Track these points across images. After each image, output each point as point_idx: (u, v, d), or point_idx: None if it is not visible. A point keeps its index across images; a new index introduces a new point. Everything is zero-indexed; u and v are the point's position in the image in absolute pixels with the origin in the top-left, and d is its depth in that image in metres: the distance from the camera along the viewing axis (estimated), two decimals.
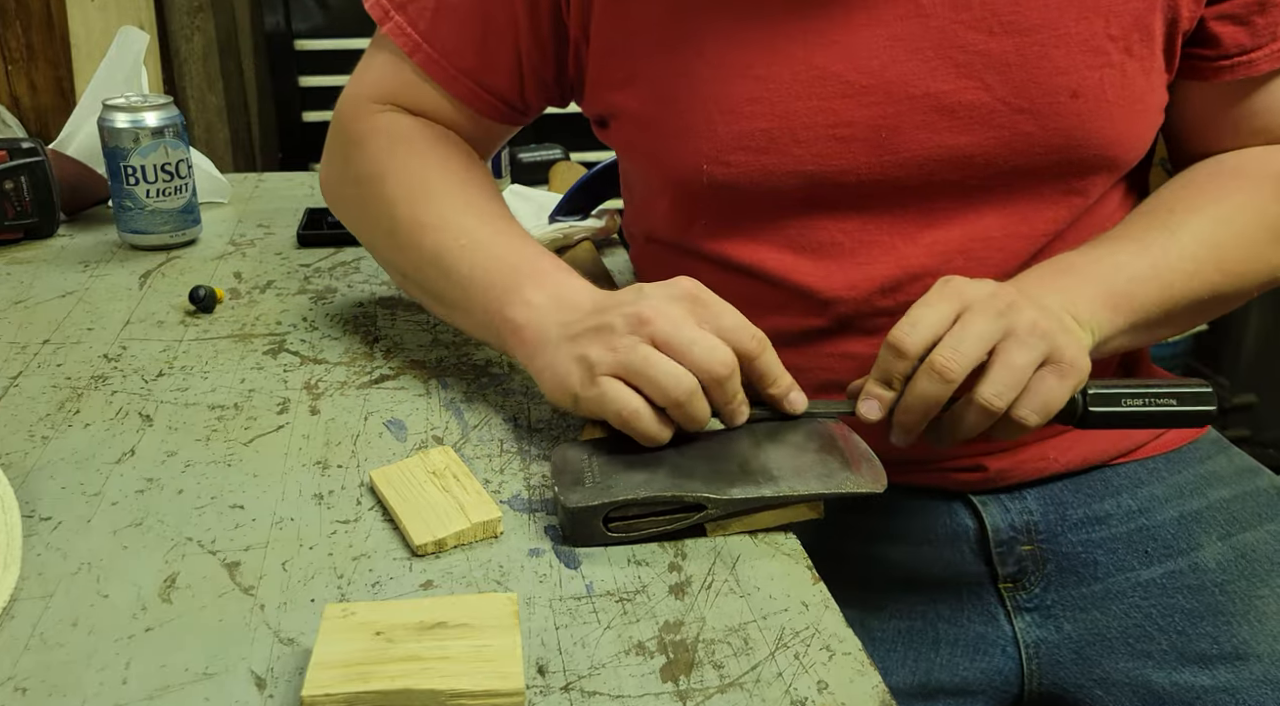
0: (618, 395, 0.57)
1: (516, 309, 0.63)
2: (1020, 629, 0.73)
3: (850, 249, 0.69)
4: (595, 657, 0.47)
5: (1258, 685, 0.67)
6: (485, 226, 0.69)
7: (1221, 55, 0.70)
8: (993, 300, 0.59)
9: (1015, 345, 0.58)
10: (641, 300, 0.58)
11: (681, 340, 0.56)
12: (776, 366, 0.60)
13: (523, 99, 0.77)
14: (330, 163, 0.81)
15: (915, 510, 0.75)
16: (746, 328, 0.58)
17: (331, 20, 2.25)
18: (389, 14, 0.75)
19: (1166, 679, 0.69)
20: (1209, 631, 0.70)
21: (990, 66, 0.65)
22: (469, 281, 0.67)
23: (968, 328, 0.58)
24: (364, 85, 0.79)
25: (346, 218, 0.80)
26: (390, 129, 0.76)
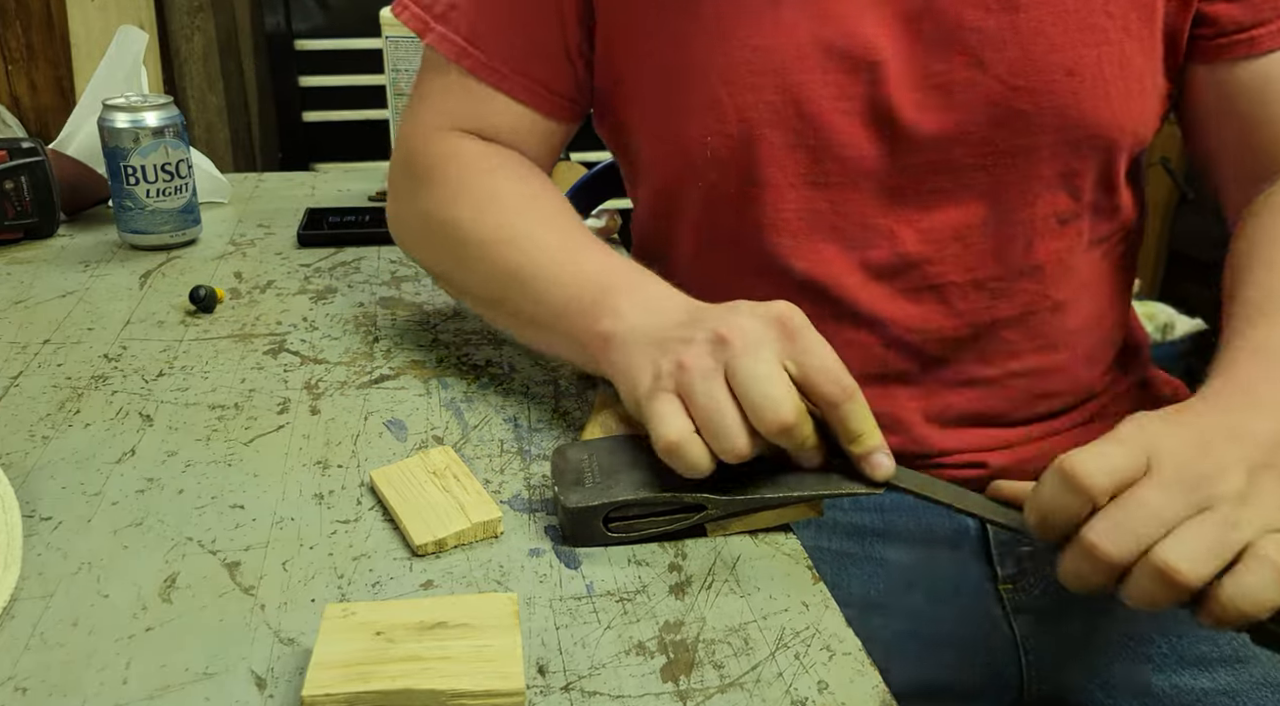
0: (665, 420, 0.53)
1: (605, 320, 0.60)
2: (1020, 630, 0.73)
3: (848, 232, 0.70)
4: (595, 657, 0.47)
5: (1257, 687, 0.67)
6: (567, 242, 0.67)
7: (1219, 33, 0.69)
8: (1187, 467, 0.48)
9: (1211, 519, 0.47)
10: (728, 317, 0.54)
11: (750, 379, 0.51)
12: (861, 420, 0.53)
13: (578, 91, 0.75)
14: (398, 198, 0.78)
15: (915, 509, 0.75)
16: (834, 372, 0.52)
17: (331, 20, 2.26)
18: (429, 25, 0.74)
19: (1166, 681, 0.69)
20: (1209, 634, 0.70)
21: (986, 43, 0.65)
22: (553, 299, 0.64)
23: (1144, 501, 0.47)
24: (420, 112, 0.77)
25: (417, 249, 0.77)
26: (456, 154, 0.74)
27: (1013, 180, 0.68)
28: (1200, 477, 0.47)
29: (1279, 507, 0.47)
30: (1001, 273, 0.71)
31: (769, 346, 0.53)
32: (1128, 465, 0.48)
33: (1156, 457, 0.48)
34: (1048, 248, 0.71)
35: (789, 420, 0.51)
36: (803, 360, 0.53)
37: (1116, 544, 0.47)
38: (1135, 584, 0.47)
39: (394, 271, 0.93)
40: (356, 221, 1.03)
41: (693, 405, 0.53)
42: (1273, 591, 0.45)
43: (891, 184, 0.68)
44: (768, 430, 0.51)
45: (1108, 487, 0.47)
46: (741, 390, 0.52)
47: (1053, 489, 0.49)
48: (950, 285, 0.70)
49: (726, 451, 0.52)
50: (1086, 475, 0.47)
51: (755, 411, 0.51)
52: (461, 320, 0.83)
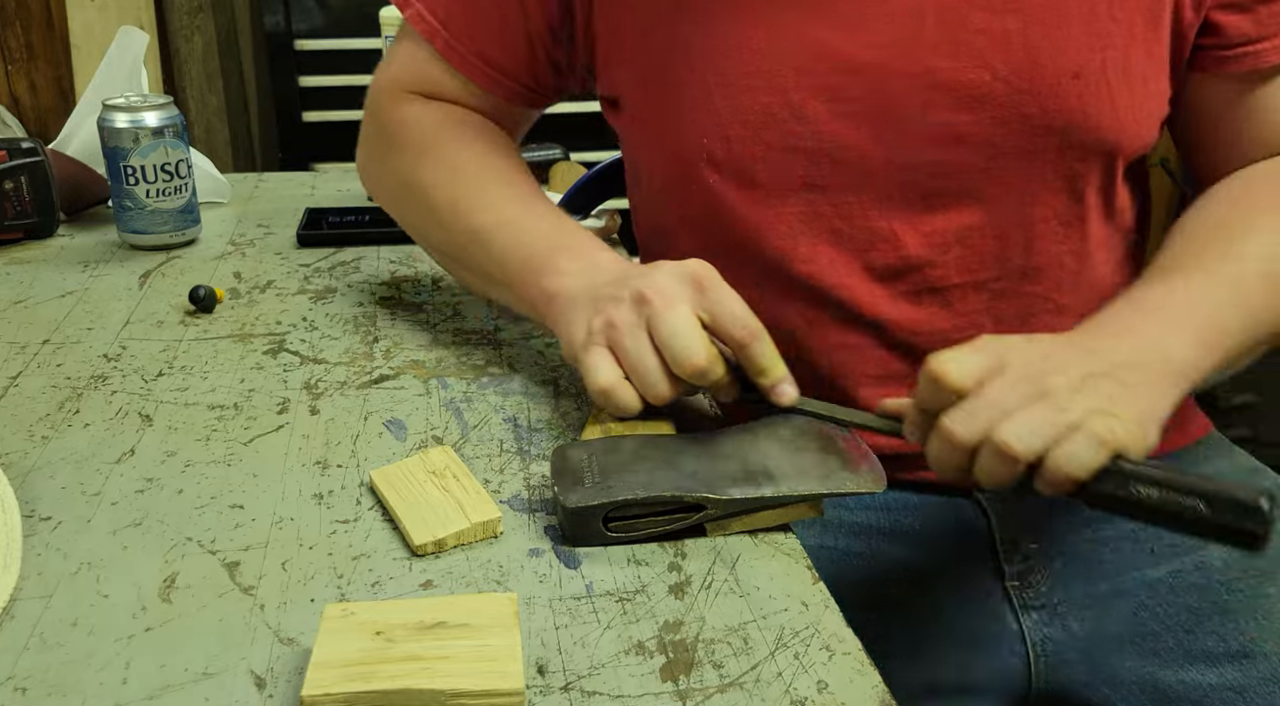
0: (597, 368, 0.60)
1: (551, 279, 0.66)
2: (1027, 627, 0.73)
3: (849, 235, 0.70)
4: (595, 657, 0.47)
5: (1265, 683, 0.67)
6: (520, 204, 0.73)
7: (1224, 44, 0.69)
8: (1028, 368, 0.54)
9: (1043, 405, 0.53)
10: (649, 277, 0.60)
11: (667, 329, 0.58)
12: (766, 357, 0.60)
13: (536, 81, 0.79)
14: (366, 150, 0.85)
15: (922, 507, 0.75)
16: (741, 317, 0.59)
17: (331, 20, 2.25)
18: (409, 2, 0.78)
19: (1174, 677, 0.69)
20: (1216, 629, 0.70)
21: (992, 45, 0.65)
22: (507, 257, 0.70)
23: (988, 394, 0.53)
24: (391, 73, 0.82)
25: (386, 203, 0.84)
26: (419, 116, 0.79)
27: (1015, 182, 0.68)
28: (1039, 374, 0.54)
29: (1107, 399, 0.53)
30: (1003, 274, 0.71)
31: (684, 300, 0.59)
32: (984, 367, 0.54)
33: (1007, 361, 0.55)
34: (1049, 250, 0.71)
35: (701, 363, 0.58)
36: (714, 309, 0.59)
37: (965, 427, 0.53)
38: (981, 463, 0.53)
39: (394, 271, 0.93)
40: (356, 221, 1.03)
41: (621, 356, 0.60)
42: (1092, 454, 0.51)
43: (893, 186, 0.68)
44: (685, 373, 0.58)
45: (969, 385, 0.54)
46: (660, 340, 0.59)
47: (925, 389, 0.56)
48: (952, 287, 0.70)
49: (653, 395, 0.59)
50: (952, 375, 0.54)
51: (673, 358, 0.58)
52: (461, 320, 0.83)
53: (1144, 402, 0.55)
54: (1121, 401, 0.53)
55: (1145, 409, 0.55)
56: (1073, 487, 0.52)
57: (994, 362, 0.55)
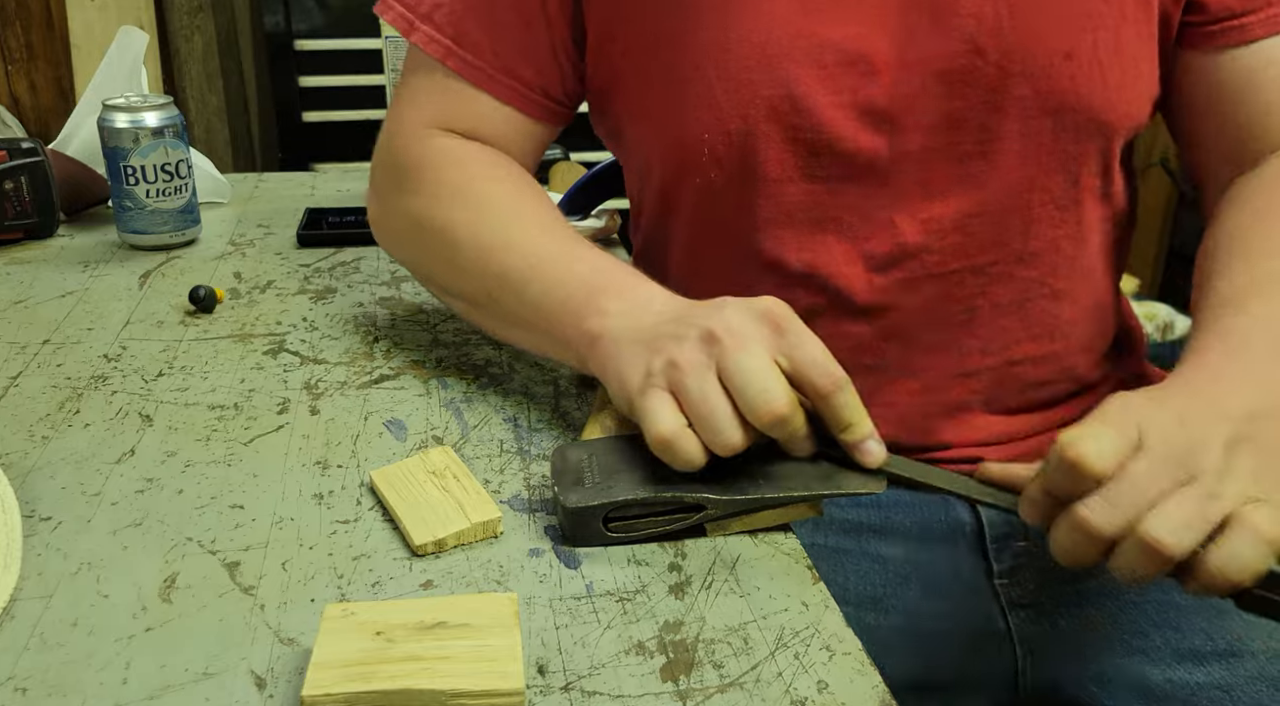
0: (657, 415, 0.54)
1: (593, 320, 0.61)
2: (1015, 625, 0.73)
3: (847, 224, 0.70)
4: (595, 657, 0.47)
5: (1252, 681, 0.67)
6: (553, 243, 0.67)
7: (1209, 20, 0.69)
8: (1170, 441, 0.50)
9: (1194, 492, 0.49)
10: (717, 314, 0.55)
11: (742, 373, 0.52)
12: (851, 410, 0.54)
13: (564, 93, 0.75)
14: (379, 196, 0.78)
15: (912, 505, 0.76)
16: (824, 363, 0.53)
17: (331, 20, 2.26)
18: (414, 25, 0.74)
19: (1161, 675, 0.70)
20: (1203, 627, 0.70)
21: (983, 29, 0.65)
22: (541, 300, 0.65)
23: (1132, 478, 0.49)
24: (404, 112, 0.77)
25: (401, 250, 0.78)
26: (441, 155, 0.74)
27: (1012, 166, 0.69)
28: (1183, 453, 0.49)
29: (1255, 478, 0.49)
30: (1000, 259, 0.71)
31: (759, 341, 0.54)
32: (1125, 447, 0.49)
33: (1146, 435, 0.50)
34: (1046, 234, 0.71)
35: (782, 411, 0.52)
36: (793, 353, 0.54)
37: (1107, 519, 0.48)
38: (1122, 557, 0.49)
39: (394, 271, 0.93)
40: (356, 221, 1.03)
41: (686, 401, 0.53)
42: (1256, 557, 0.47)
43: (891, 175, 0.68)
44: (761, 422, 0.52)
45: (1110, 471, 0.49)
46: (734, 385, 0.53)
47: (1060, 474, 0.50)
48: (949, 274, 0.71)
49: (720, 445, 0.53)
50: (1093, 462, 0.48)
51: (749, 404, 0.52)
52: (461, 320, 0.83)
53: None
54: (1268, 476, 0.49)
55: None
56: (1232, 591, 0.48)
57: (1132, 438, 0.50)
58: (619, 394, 0.58)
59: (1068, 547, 0.50)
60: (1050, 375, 0.75)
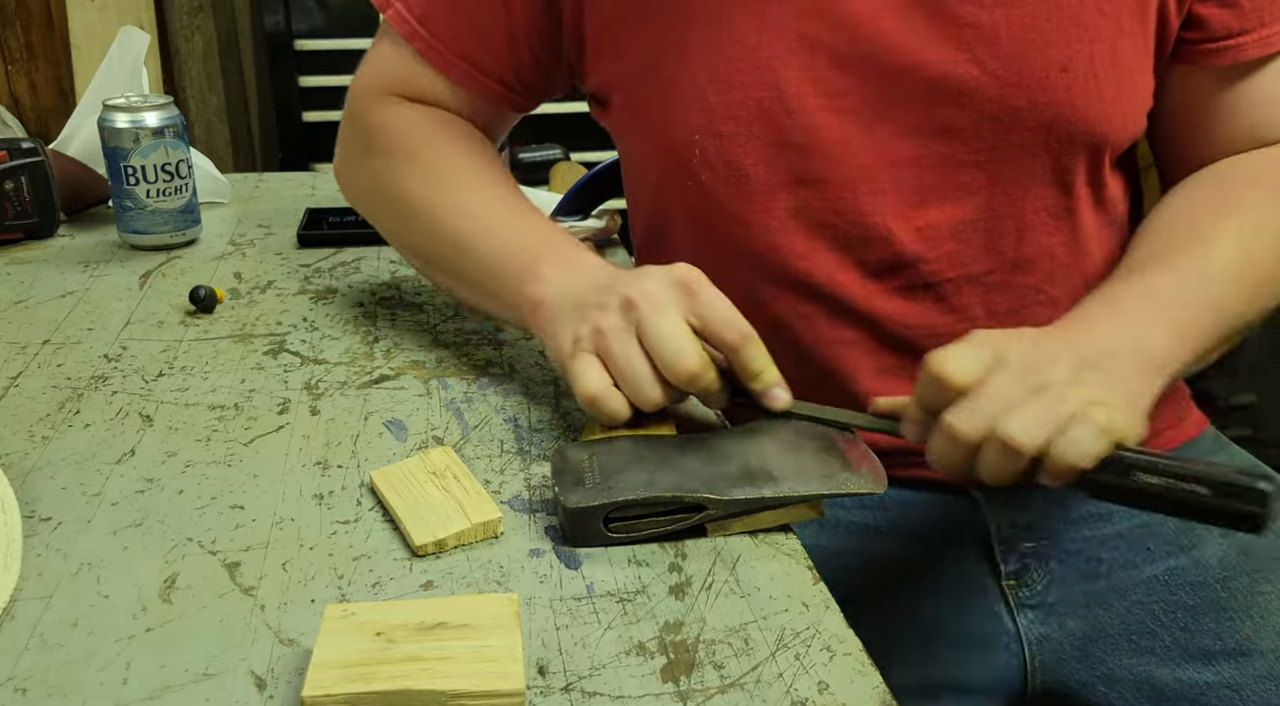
0: (584, 374, 0.59)
1: (535, 286, 0.65)
2: (1023, 626, 0.73)
3: (842, 231, 0.70)
4: (596, 658, 0.47)
5: (1261, 681, 0.67)
6: (501, 208, 0.71)
7: (1207, 38, 0.70)
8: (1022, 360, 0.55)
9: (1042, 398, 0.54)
10: (636, 282, 0.60)
11: (656, 334, 0.57)
12: (759, 360, 0.59)
13: (520, 81, 0.78)
14: (344, 153, 0.84)
15: (918, 506, 0.75)
16: (731, 320, 0.58)
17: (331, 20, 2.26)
18: (390, 2, 0.77)
19: (1170, 675, 0.70)
20: (1212, 627, 0.70)
21: (980, 38, 0.65)
22: (488, 263, 0.69)
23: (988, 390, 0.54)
24: (371, 75, 0.81)
25: (363, 206, 0.83)
26: (400, 119, 0.78)
27: (1006, 175, 0.69)
28: (1035, 366, 0.55)
29: (1098, 387, 0.54)
30: (995, 268, 0.71)
31: (672, 305, 0.58)
32: (983, 362, 0.55)
33: (1002, 356, 0.55)
34: (1040, 242, 0.71)
35: (694, 368, 0.57)
36: (703, 313, 0.58)
37: (970, 423, 0.54)
38: (985, 456, 0.54)
39: (394, 271, 0.93)
40: (356, 221, 1.03)
41: (611, 363, 0.59)
42: (1095, 443, 0.52)
43: (884, 181, 0.68)
44: (677, 379, 0.58)
45: (971, 382, 0.54)
46: (651, 346, 0.58)
47: (928, 388, 0.56)
48: (945, 282, 0.71)
49: (643, 401, 0.58)
50: (954, 373, 0.54)
51: (665, 363, 0.57)
52: (461, 320, 0.83)
53: (1133, 390, 0.57)
54: (1113, 390, 0.55)
55: (1135, 397, 0.56)
56: (1076, 477, 0.53)
57: (991, 357, 0.55)
58: (554, 357, 0.63)
59: (943, 454, 0.55)
60: None
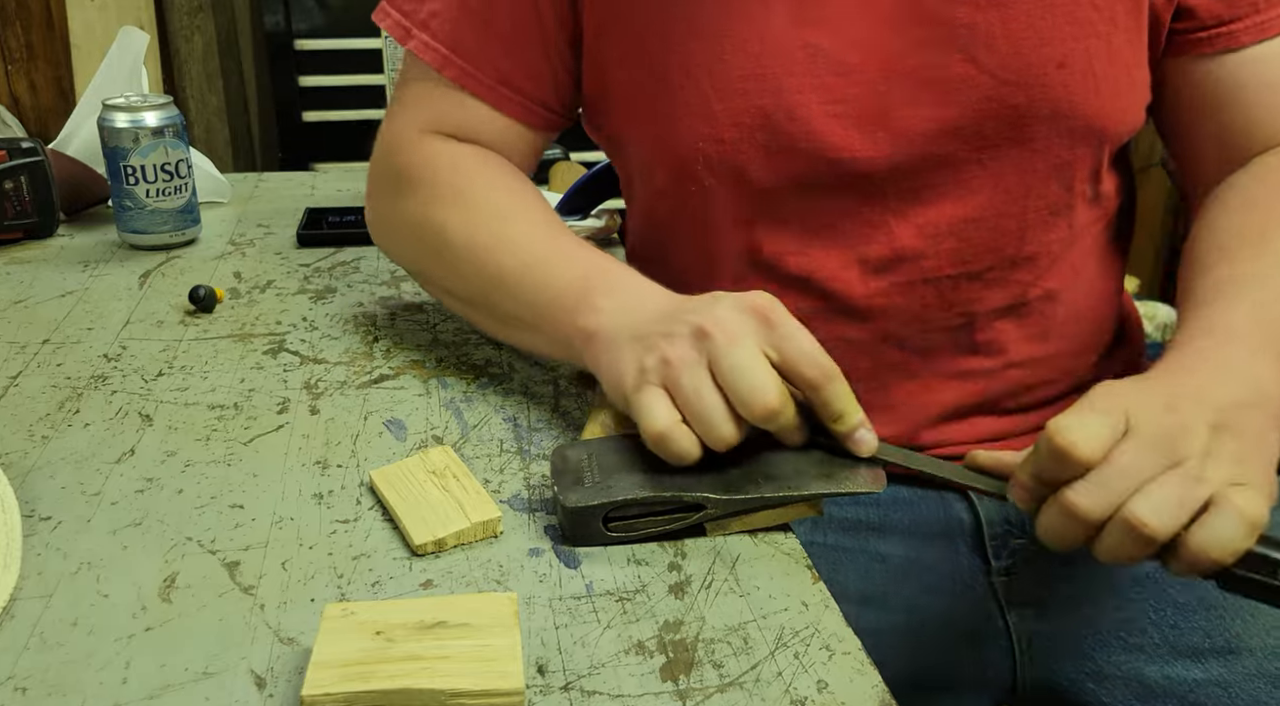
0: (651, 411, 0.54)
1: (587, 317, 0.61)
2: (1014, 622, 0.74)
3: (843, 229, 0.70)
4: (595, 657, 0.47)
5: (1250, 678, 0.68)
6: (546, 241, 0.68)
7: (1199, 27, 0.70)
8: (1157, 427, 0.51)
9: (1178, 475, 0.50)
10: (708, 310, 0.56)
11: (734, 369, 0.53)
12: (842, 400, 0.55)
13: (559, 100, 0.76)
14: (377, 199, 0.79)
15: (910, 503, 0.76)
16: (813, 355, 0.54)
17: (331, 20, 2.25)
18: (411, 32, 0.74)
19: (1159, 672, 0.70)
20: (1201, 625, 0.70)
21: (977, 38, 0.65)
22: (536, 298, 0.66)
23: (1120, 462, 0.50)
24: (402, 116, 0.77)
25: (399, 253, 0.79)
26: (436, 158, 0.74)
27: (1006, 173, 0.69)
28: (1169, 437, 0.50)
29: (1237, 462, 0.50)
30: (995, 264, 0.71)
31: (749, 336, 0.54)
32: (1112, 433, 0.50)
33: (1133, 421, 0.51)
34: (1040, 238, 0.71)
35: (774, 405, 0.53)
36: (782, 346, 0.54)
37: (1095, 502, 0.49)
38: (1108, 538, 0.50)
39: (394, 271, 0.93)
40: (356, 221, 1.03)
41: (679, 396, 0.54)
42: (1238, 537, 0.48)
43: (887, 182, 0.69)
44: (754, 416, 0.53)
45: (1099, 458, 0.50)
46: (726, 379, 0.53)
47: (1049, 460, 0.51)
48: (945, 278, 0.71)
49: (715, 439, 0.53)
50: (1081, 448, 0.49)
51: (741, 399, 0.53)
52: (462, 319, 0.83)
53: (1266, 456, 0.52)
54: (1250, 462, 0.51)
55: (1268, 464, 0.52)
56: (1215, 571, 0.49)
57: (1119, 424, 0.51)
58: (614, 390, 0.58)
59: (1056, 530, 0.52)
60: (1048, 376, 0.75)
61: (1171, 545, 0.49)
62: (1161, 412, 0.51)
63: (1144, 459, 0.49)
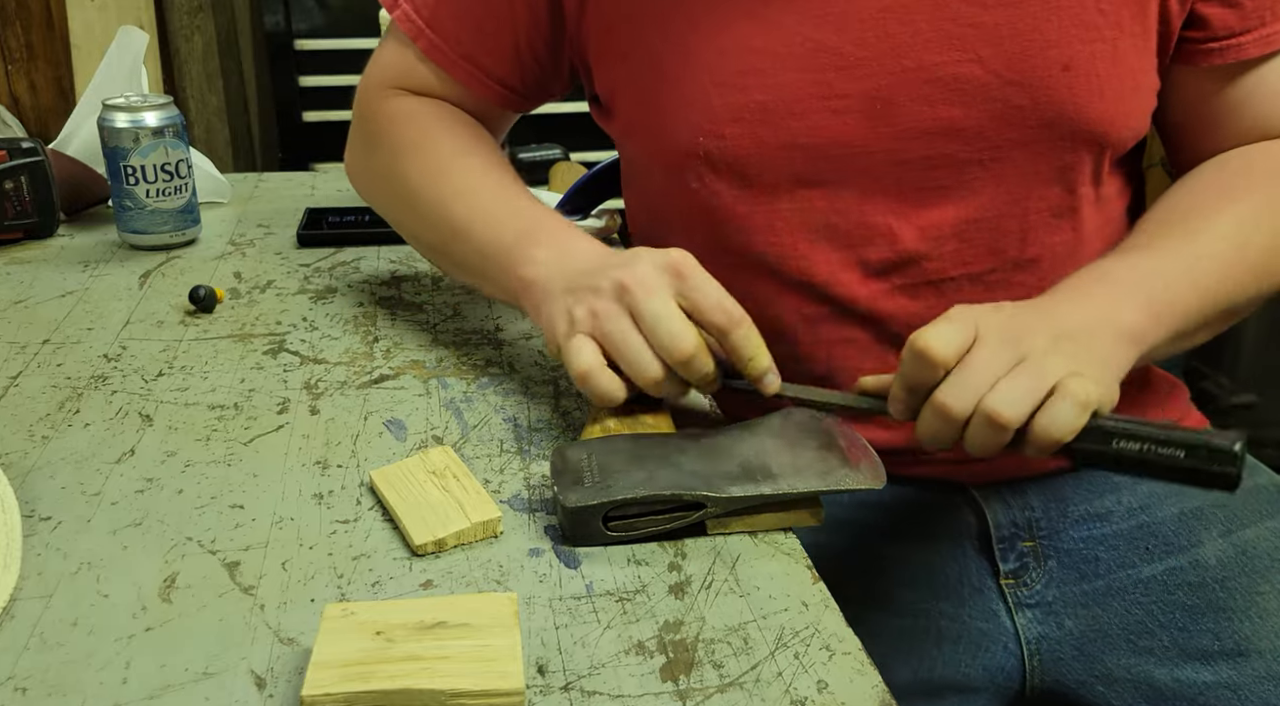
0: (579, 352, 0.60)
1: (526, 267, 0.66)
2: (1022, 625, 0.73)
3: (845, 230, 0.70)
4: (595, 657, 0.47)
5: (1259, 681, 0.67)
6: (494, 193, 0.73)
7: (1210, 38, 0.70)
8: (1002, 330, 0.57)
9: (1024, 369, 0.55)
10: (627, 266, 0.61)
11: (651, 315, 0.58)
12: (750, 345, 0.60)
13: (522, 84, 0.80)
14: (353, 150, 0.86)
15: (917, 506, 0.76)
16: (722, 304, 0.59)
17: (331, 20, 2.26)
18: (397, 2, 0.79)
19: (1168, 675, 0.70)
20: (1210, 627, 0.70)
21: (983, 38, 0.66)
22: (484, 246, 0.71)
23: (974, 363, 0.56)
24: (377, 72, 0.84)
25: (374, 201, 0.85)
26: (402, 112, 0.80)
27: (1009, 174, 0.69)
28: (1014, 338, 0.56)
29: (1073, 359, 0.56)
30: (998, 266, 0.71)
31: (664, 288, 0.59)
32: (965, 338, 0.56)
33: (982, 329, 0.56)
34: (1042, 241, 0.71)
35: (689, 348, 0.58)
36: (694, 296, 0.59)
37: (960, 400, 0.55)
38: (972, 433, 0.55)
39: (394, 271, 0.93)
40: (356, 221, 1.03)
41: (607, 343, 0.60)
42: (1074, 417, 0.54)
43: (888, 181, 0.68)
44: (673, 359, 0.59)
45: (953, 358, 0.56)
46: (647, 328, 0.59)
47: (913, 366, 0.56)
48: (947, 280, 0.71)
49: (644, 377, 0.59)
50: (938, 350, 0.55)
51: (661, 344, 0.58)
52: (461, 320, 0.83)
53: (1107, 359, 0.58)
54: (1088, 360, 0.57)
55: (1109, 365, 0.58)
56: (1057, 448, 0.55)
57: (971, 332, 0.57)
58: (548, 339, 0.64)
59: (930, 430, 0.57)
60: None
61: (1023, 431, 0.55)
62: (1008, 320, 0.57)
63: (994, 357, 0.55)
